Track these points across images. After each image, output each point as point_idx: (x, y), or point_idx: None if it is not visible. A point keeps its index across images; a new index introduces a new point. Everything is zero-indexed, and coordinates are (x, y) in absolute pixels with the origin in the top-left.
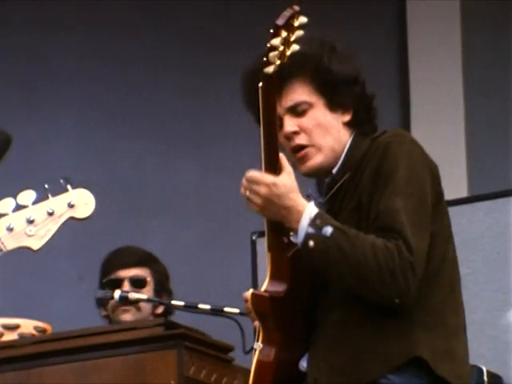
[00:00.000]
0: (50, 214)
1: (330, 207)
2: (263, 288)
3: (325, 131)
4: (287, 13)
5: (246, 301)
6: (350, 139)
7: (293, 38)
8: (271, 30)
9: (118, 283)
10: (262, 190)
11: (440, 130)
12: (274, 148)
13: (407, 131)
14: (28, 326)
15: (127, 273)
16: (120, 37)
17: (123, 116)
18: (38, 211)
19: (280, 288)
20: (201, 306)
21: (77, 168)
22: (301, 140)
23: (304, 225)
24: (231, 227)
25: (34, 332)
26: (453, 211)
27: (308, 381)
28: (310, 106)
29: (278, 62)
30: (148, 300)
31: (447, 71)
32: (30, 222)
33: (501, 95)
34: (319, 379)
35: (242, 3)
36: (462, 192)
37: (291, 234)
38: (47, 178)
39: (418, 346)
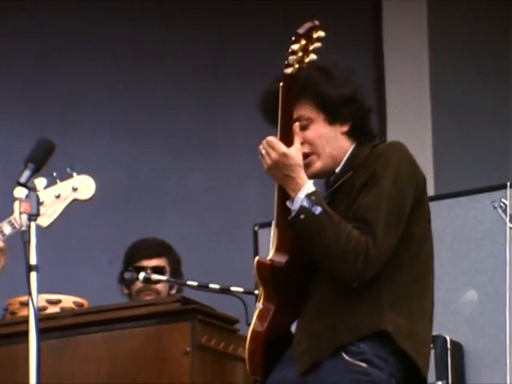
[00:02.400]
0: (57, 197)
1: (331, 201)
2: (268, 257)
3: (324, 141)
4: (308, 24)
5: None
6: (352, 147)
7: (311, 48)
8: (292, 38)
9: (142, 270)
10: (274, 155)
11: (410, 140)
12: (289, 127)
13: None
14: (68, 301)
15: (149, 263)
16: (143, 66)
17: (146, 131)
18: (47, 194)
19: (282, 259)
20: (211, 285)
21: (107, 173)
22: (304, 149)
23: (301, 196)
24: (236, 220)
25: (73, 306)
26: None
27: (293, 343)
28: (311, 120)
29: (297, 66)
30: (167, 280)
31: (417, 92)
32: (40, 203)
33: (465, 110)
34: (302, 342)
35: (250, 37)
36: (430, 191)
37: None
38: None
39: (384, 321)
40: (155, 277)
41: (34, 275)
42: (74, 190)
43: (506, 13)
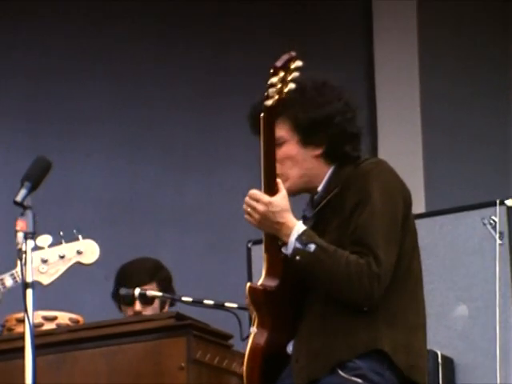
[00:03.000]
0: (61, 257)
1: (317, 221)
2: (259, 282)
3: (293, 163)
4: (285, 56)
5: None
6: (332, 168)
7: (289, 78)
8: (271, 70)
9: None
10: (260, 207)
11: (401, 158)
12: (272, 172)
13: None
14: (64, 317)
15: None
16: (141, 83)
17: (143, 147)
18: (52, 253)
19: (273, 283)
20: (205, 301)
21: (104, 189)
22: (277, 168)
23: (292, 240)
24: (230, 237)
25: (68, 322)
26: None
27: (291, 361)
28: (285, 140)
29: (277, 97)
30: (163, 296)
31: (408, 109)
32: (44, 261)
33: (456, 127)
34: (300, 360)
35: (247, 52)
36: (421, 208)
37: (282, 245)
38: (78, 197)
39: (381, 340)
40: (151, 293)
41: (29, 292)
42: (79, 253)
43: (499, 27)
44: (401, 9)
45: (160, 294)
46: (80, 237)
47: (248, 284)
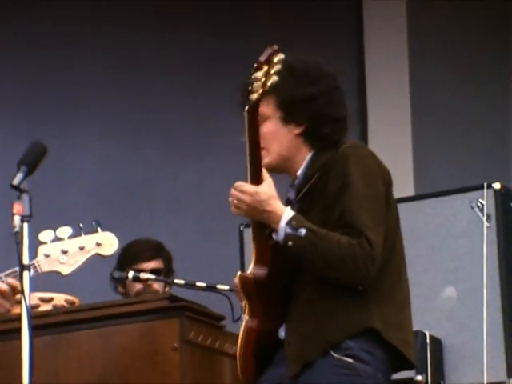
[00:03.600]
0: (81, 249)
1: (300, 206)
2: (249, 271)
3: (273, 138)
4: (268, 50)
5: (236, 285)
6: (312, 152)
7: (272, 71)
8: (255, 65)
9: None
10: (247, 198)
11: (391, 143)
12: (258, 162)
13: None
14: (60, 298)
15: (148, 265)
16: (137, 70)
17: (140, 132)
18: (72, 245)
19: (262, 271)
20: (198, 283)
21: (100, 173)
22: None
23: (282, 226)
24: (223, 220)
25: (64, 304)
26: (403, 207)
27: (284, 345)
28: (269, 117)
29: (261, 91)
30: (155, 279)
31: (397, 94)
32: (64, 252)
33: (444, 112)
34: (292, 344)
35: (242, 40)
36: (410, 191)
37: (271, 233)
38: (76, 182)
39: (372, 318)
40: (144, 275)
41: (26, 274)
42: (98, 244)
43: (489, 14)
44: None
45: (153, 276)
46: (99, 229)
47: (239, 273)
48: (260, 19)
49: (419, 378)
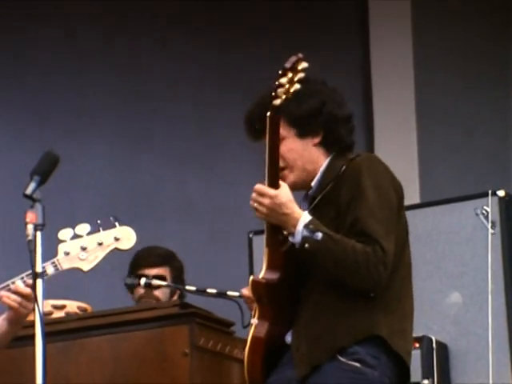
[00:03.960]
0: (100, 244)
1: (313, 215)
2: (261, 275)
3: (295, 155)
4: (293, 58)
5: (245, 294)
6: (328, 159)
7: (296, 78)
8: (280, 71)
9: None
10: (266, 200)
11: (397, 152)
12: (276, 167)
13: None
14: (72, 306)
15: (150, 271)
16: (145, 79)
17: (147, 140)
18: (91, 241)
19: (274, 276)
20: (208, 290)
21: (107, 181)
22: (280, 163)
23: (300, 229)
24: (232, 228)
25: (77, 311)
26: (409, 214)
27: (291, 349)
28: (284, 137)
29: (284, 97)
30: (167, 285)
31: (403, 102)
32: (83, 249)
33: (449, 120)
34: (300, 347)
35: (249, 49)
36: (416, 199)
37: (287, 236)
38: (87, 190)
39: (378, 326)
40: (156, 282)
41: (39, 282)
42: (116, 239)
43: (492, 19)
44: (396, 3)
45: (165, 283)
46: (117, 224)
47: (251, 277)
48: (265, 29)
49: (425, 382)
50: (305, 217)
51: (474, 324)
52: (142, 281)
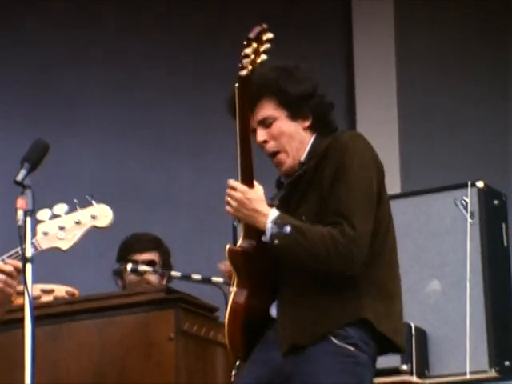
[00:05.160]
0: (77, 223)
1: (291, 190)
2: (238, 244)
3: (288, 137)
4: (257, 28)
5: (223, 270)
6: (312, 138)
7: (262, 49)
8: (244, 42)
9: (135, 263)
10: (237, 194)
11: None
12: (249, 165)
13: None
14: (61, 290)
15: (140, 256)
16: (133, 69)
17: (135, 130)
18: (68, 220)
19: (250, 244)
20: (193, 276)
21: (98, 171)
22: (270, 147)
23: (269, 226)
24: (217, 215)
25: (65, 295)
26: (390, 204)
27: (278, 328)
28: (275, 118)
29: (250, 67)
30: (154, 271)
31: (385, 94)
32: (61, 228)
33: (430, 116)
34: (286, 327)
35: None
36: (397, 190)
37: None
38: (76, 178)
39: (364, 309)
40: (142, 268)
41: (29, 267)
42: (93, 217)
43: (472, 16)
44: (379, 2)
45: (150, 268)
46: (94, 202)
47: (227, 246)
48: (252, 20)
49: (404, 367)
50: (273, 213)
51: (452, 312)
52: (129, 266)
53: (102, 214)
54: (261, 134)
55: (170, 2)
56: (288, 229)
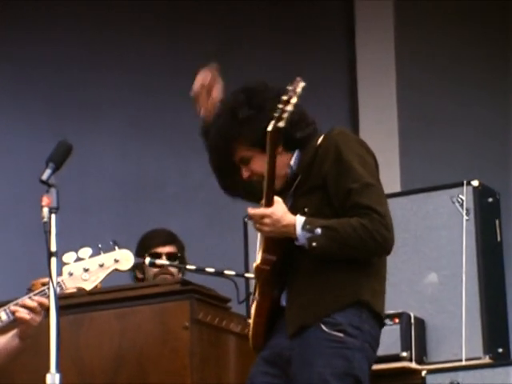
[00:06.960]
0: (101, 266)
1: (298, 194)
2: (258, 257)
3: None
4: (295, 82)
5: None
6: (295, 154)
7: (293, 100)
8: (284, 97)
9: (157, 256)
10: (267, 220)
11: (380, 143)
12: (272, 184)
13: None
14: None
15: (163, 249)
16: (151, 73)
17: (152, 130)
18: (92, 263)
19: (271, 259)
20: (207, 269)
21: (118, 168)
22: (257, 178)
23: (300, 233)
24: (228, 212)
25: None
26: (391, 202)
27: (285, 315)
28: (250, 157)
29: (286, 117)
30: (169, 264)
31: (385, 96)
32: (86, 270)
33: (429, 117)
34: (293, 313)
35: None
36: (397, 188)
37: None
38: (98, 175)
39: (362, 290)
40: (158, 262)
41: (54, 260)
42: (116, 261)
43: (471, 17)
44: (380, 4)
45: (167, 262)
46: (116, 247)
47: (255, 265)
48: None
49: (404, 354)
50: (299, 220)
51: (449, 302)
52: (147, 260)
53: (124, 258)
54: (244, 172)
55: (194, 5)
56: (319, 230)
